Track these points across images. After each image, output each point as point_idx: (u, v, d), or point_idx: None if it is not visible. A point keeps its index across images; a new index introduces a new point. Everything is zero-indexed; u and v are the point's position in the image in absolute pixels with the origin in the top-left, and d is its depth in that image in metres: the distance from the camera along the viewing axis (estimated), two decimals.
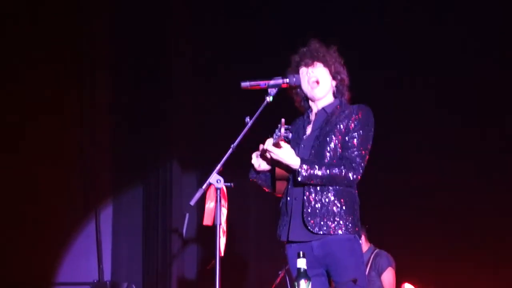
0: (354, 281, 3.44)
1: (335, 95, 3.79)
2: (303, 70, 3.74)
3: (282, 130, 3.36)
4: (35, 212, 6.57)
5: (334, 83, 3.77)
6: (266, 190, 3.86)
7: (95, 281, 6.77)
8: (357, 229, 3.58)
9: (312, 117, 3.80)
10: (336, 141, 3.60)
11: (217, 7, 7.16)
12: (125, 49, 7.19)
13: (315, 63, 3.73)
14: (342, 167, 3.51)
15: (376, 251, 5.95)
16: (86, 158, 7.09)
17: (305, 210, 3.55)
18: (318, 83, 3.72)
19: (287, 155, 3.49)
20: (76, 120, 6.99)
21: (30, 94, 6.53)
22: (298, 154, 3.61)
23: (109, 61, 7.23)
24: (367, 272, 5.71)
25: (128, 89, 7.25)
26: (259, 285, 6.77)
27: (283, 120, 3.36)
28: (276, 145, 3.47)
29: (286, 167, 3.57)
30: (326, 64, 3.73)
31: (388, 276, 5.85)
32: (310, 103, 3.82)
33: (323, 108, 3.76)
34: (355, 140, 3.58)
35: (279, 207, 3.77)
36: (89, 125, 7.08)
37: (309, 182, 3.51)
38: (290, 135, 3.43)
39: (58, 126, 6.80)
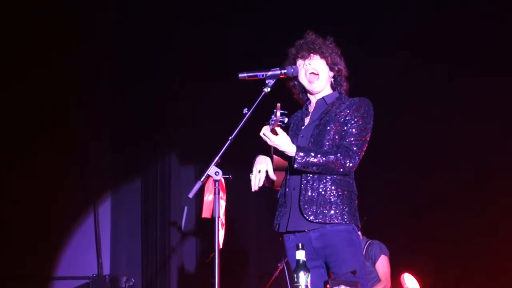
0: (354, 273, 3.43)
1: (333, 86, 3.78)
2: (300, 63, 3.73)
3: (278, 113, 3.35)
4: (34, 207, 6.56)
5: (331, 74, 3.76)
6: (265, 185, 3.84)
7: (94, 275, 6.77)
8: (354, 219, 3.56)
9: (311, 108, 3.79)
10: (335, 131, 3.59)
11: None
12: (125, 45, 7.18)
13: (312, 55, 3.72)
14: (339, 154, 3.50)
15: (369, 241, 5.96)
16: (84, 152, 7.08)
17: (301, 198, 3.55)
18: (316, 75, 3.70)
19: (282, 141, 3.48)
20: (75, 115, 6.98)
21: (33, 93, 6.54)
22: (296, 144, 3.62)
23: (109, 58, 7.21)
24: None
25: (127, 84, 7.24)
26: (259, 277, 6.77)
27: (278, 104, 3.35)
28: (273, 131, 3.46)
29: (283, 154, 3.55)
30: (323, 56, 3.72)
31: (382, 264, 5.84)
32: (309, 95, 3.81)
33: (323, 98, 3.75)
34: (353, 129, 3.58)
35: (277, 198, 3.76)
36: (88, 119, 7.07)
37: (305, 169, 3.50)
38: (286, 120, 3.41)
39: (58, 121, 6.79)
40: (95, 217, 7.18)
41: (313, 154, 3.48)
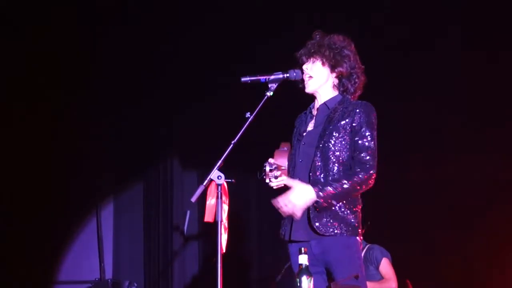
0: (356, 277, 3.42)
1: (337, 88, 3.74)
2: (303, 66, 3.73)
3: (267, 168, 3.37)
4: (37, 210, 6.56)
5: (333, 75, 3.72)
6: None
7: (96, 279, 6.78)
8: (355, 230, 3.54)
9: (314, 112, 3.76)
10: (338, 139, 3.55)
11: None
12: (125, 46, 7.17)
13: (311, 57, 3.69)
14: (360, 175, 3.47)
15: (368, 245, 5.98)
16: (87, 156, 7.07)
17: (311, 211, 3.52)
18: (310, 77, 3.69)
19: (298, 200, 3.44)
20: (76, 117, 6.97)
21: (32, 95, 6.54)
22: (299, 153, 3.61)
23: (111, 60, 7.19)
24: (365, 267, 5.76)
25: (129, 87, 7.23)
26: (261, 282, 6.76)
27: (269, 160, 3.36)
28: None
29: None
30: (322, 57, 3.68)
31: (385, 267, 5.87)
32: (315, 97, 3.78)
33: (324, 103, 3.71)
34: (365, 142, 3.52)
35: None
36: (89, 122, 7.06)
37: (332, 207, 3.49)
38: (278, 173, 3.41)
39: (60, 125, 6.79)
40: (97, 221, 7.18)
41: (332, 194, 3.44)
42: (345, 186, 3.44)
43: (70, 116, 6.93)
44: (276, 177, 3.42)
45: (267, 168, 3.36)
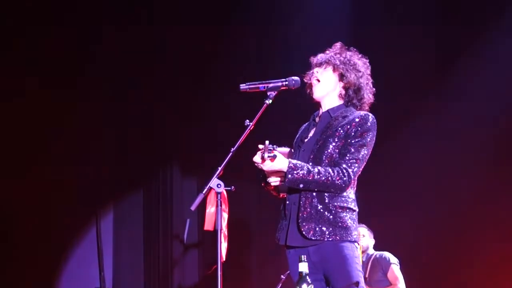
0: (356, 285, 3.42)
1: (343, 98, 3.73)
2: (315, 68, 3.73)
3: (267, 142, 3.36)
4: (36, 220, 6.55)
5: (340, 85, 3.73)
6: (274, 194, 3.80)
7: None
8: (350, 236, 3.53)
9: (318, 119, 3.76)
10: (334, 146, 3.55)
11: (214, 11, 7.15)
12: (125, 51, 7.17)
13: (323, 64, 3.70)
14: (334, 174, 3.47)
15: (377, 252, 6.02)
16: (86, 165, 7.06)
17: (300, 214, 3.52)
18: (318, 81, 3.69)
19: (275, 161, 3.44)
20: (76, 126, 6.97)
21: (32, 102, 6.54)
22: (298, 158, 3.60)
23: (110, 65, 7.19)
24: (373, 273, 5.81)
25: (128, 95, 7.23)
26: None
27: (266, 142, 3.35)
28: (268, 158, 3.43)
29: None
30: (331, 65, 3.68)
31: (391, 274, 5.95)
32: (320, 105, 3.78)
33: (328, 111, 3.71)
34: (351, 147, 3.53)
35: (280, 209, 3.74)
36: (89, 131, 7.06)
37: (296, 186, 3.49)
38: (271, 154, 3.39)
39: (58, 133, 6.78)
40: (97, 230, 7.17)
41: (305, 173, 3.45)
42: (316, 177, 3.44)
43: (70, 126, 6.93)
44: (270, 151, 3.38)
45: (267, 142, 3.34)
